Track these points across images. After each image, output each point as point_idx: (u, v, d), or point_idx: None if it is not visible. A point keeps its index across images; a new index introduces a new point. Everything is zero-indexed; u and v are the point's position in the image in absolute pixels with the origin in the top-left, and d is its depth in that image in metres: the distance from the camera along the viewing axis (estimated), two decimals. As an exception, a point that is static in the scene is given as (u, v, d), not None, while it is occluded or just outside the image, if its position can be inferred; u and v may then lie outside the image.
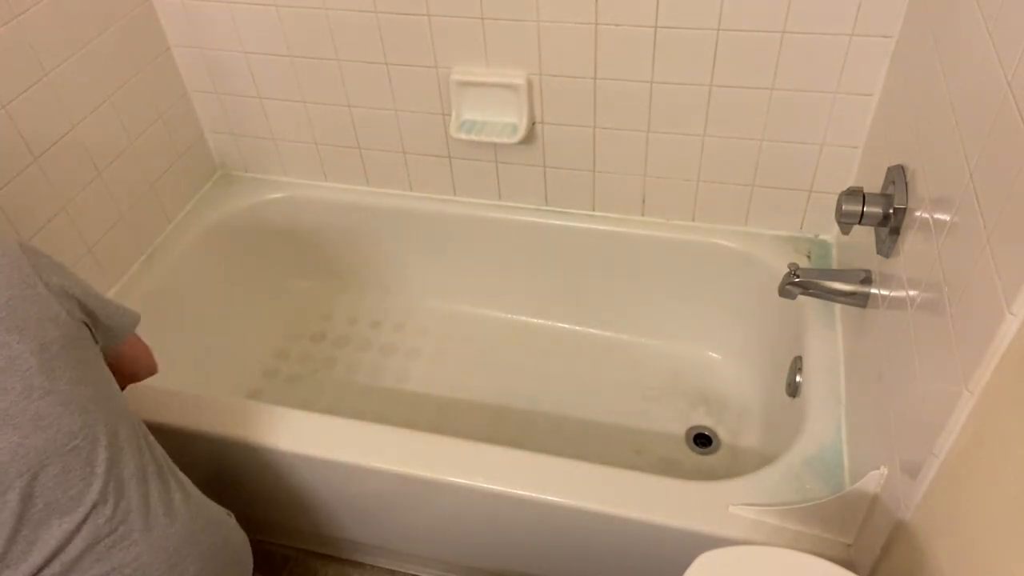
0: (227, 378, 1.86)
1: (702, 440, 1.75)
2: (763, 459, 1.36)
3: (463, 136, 1.67)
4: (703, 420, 1.79)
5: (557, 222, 1.81)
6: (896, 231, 1.14)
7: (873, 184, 1.29)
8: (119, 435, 0.99)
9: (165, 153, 1.81)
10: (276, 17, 1.65)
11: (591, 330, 1.98)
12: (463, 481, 1.31)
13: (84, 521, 0.93)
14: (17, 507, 0.89)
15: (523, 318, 2.02)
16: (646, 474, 1.28)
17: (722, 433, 1.75)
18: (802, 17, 1.38)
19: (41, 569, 0.91)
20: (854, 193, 1.19)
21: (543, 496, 1.27)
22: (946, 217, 0.93)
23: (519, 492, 1.29)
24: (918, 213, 1.06)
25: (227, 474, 1.45)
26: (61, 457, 0.92)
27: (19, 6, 1.39)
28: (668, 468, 1.69)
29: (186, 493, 1.07)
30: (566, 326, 2.00)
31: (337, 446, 1.37)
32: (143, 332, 1.53)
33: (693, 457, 1.72)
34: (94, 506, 0.94)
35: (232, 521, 1.16)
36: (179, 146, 1.85)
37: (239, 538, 1.16)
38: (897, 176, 1.16)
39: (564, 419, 1.82)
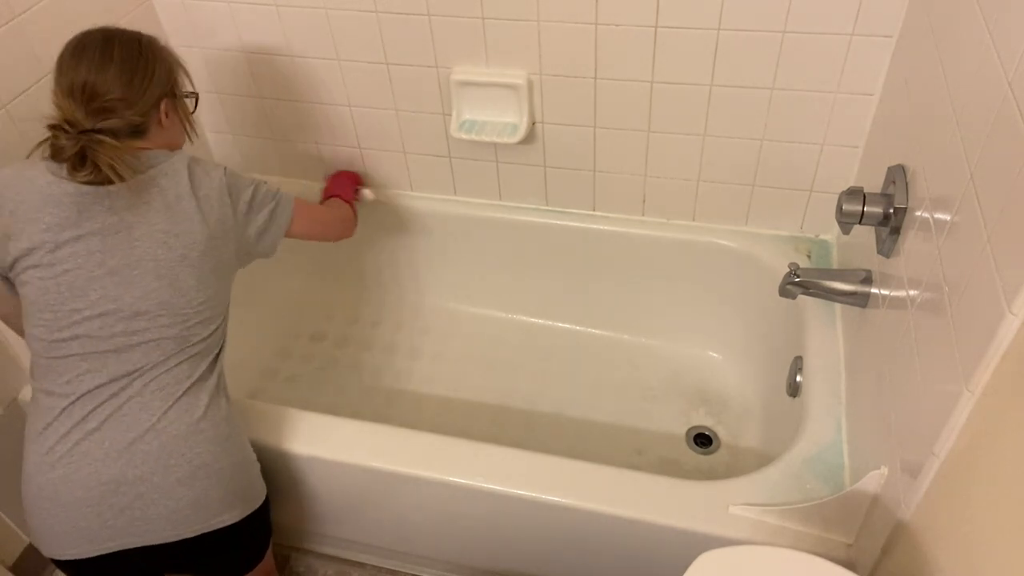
0: (227, 377, 1.86)
1: (702, 440, 1.75)
2: (763, 459, 1.36)
3: (463, 136, 1.67)
4: (703, 420, 1.78)
5: (557, 222, 1.81)
6: (896, 231, 1.14)
7: (873, 184, 1.29)
8: (212, 335, 1.22)
9: (165, 153, 1.81)
10: (276, 17, 1.65)
11: (591, 330, 1.98)
12: (463, 481, 1.31)
13: (150, 370, 1.15)
14: (118, 329, 1.13)
15: (523, 318, 2.02)
16: (646, 474, 1.28)
17: (722, 433, 1.75)
18: (802, 17, 1.38)
19: (101, 387, 1.13)
20: (854, 193, 1.19)
21: (543, 496, 1.27)
22: (946, 217, 0.93)
23: (519, 492, 1.29)
24: (918, 213, 1.06)
25: (227, 474, 1.45)
26: (171, 316, 1.16)
27: (19, 6, 1.39)
28: (668, 468, 1.69)
29: (226, 409, 1.24)
30: (566, 326, 2.00)
31: (337, 446, 1.37)
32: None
33: (693, 457, 1.72)
34: (156, 365, 1.15)
35: (257, 467, 1.29)
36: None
37: (257, 477, 1.28)
38: (897, 176, 1.16)
39: (564, 419, 1.82)
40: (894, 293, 1.13)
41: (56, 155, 1.12)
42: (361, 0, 1.58)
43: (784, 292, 1.41)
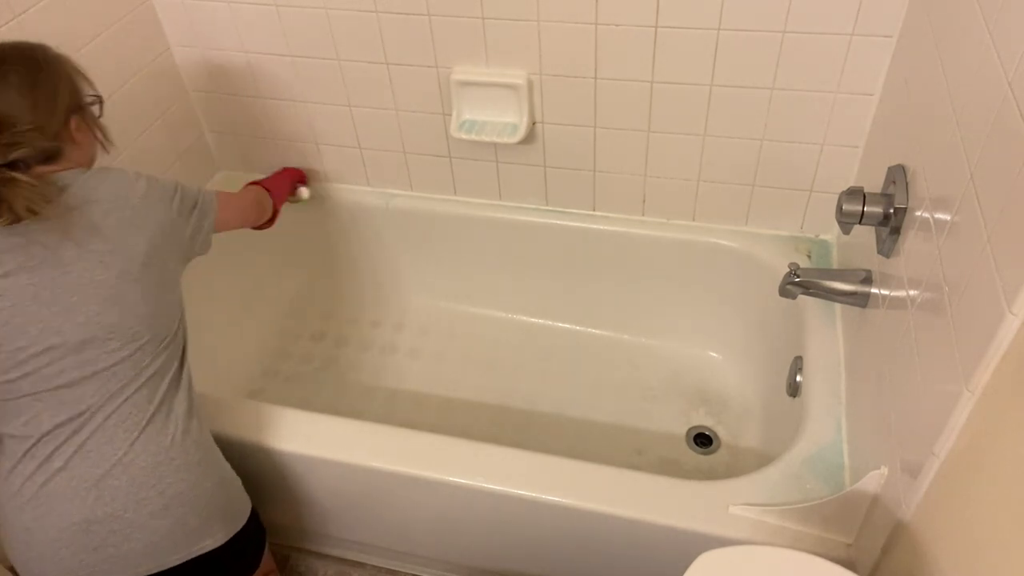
0: (227, 378, 1.86)
1: (702, 440, 1.75)
2: (763, 459, 1.36)
3: (463, 136, 1.67)
4: (703, 420, 1.78)
5: (557, 222, 1.81)
6: (896, 231, 1.14)
7: (873, 184, 1.29)
8: (167, 348, 1.16)
9: (165, 153, 1.81)
10: (276, 17, 1.65)
11: (591, 330, 1.98)
12: (463, 481, 1.31)
13: (108, 401, 1.10)
14: (68, 363, 1.07)
15: (523, 318, 2.02)
16: (646, 474, 1.28)
17: (722, 433, 1.75)
18: (802, 17, 1.38)
19: (60, 426, 1.08)
20: (855, 193, 1.19)
21: (543, 496, 1.27)
22: (946, 217, 0.93)
23: (519, 492, 1.29)
24: (918, 213, 1.06)
25: (227, 474, 1.45)
26: (121, 338, 1.09)
27: (19, 6, 1.39)
28: (668, 468, 1.69)
29: (197, 431, 1.18)
30: (566, 326, 2.00)
31: (337, 446, 1.37)
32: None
33: (693, 457, 1.72)
34: (113, 395, 1.10)
35: (237, 482, 1.26)
36: (179, 146, 1.85)
37: (237, 493, 1.24)
38: (897, 176, 1.16)
39: (564, 419, 1.82)
40: (894, 293, 1.13)
41: None
42: (361, 0, 1.58)
43: (784, 292, 1.41)
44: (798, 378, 1.48)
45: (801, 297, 1.43)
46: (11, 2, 1.37)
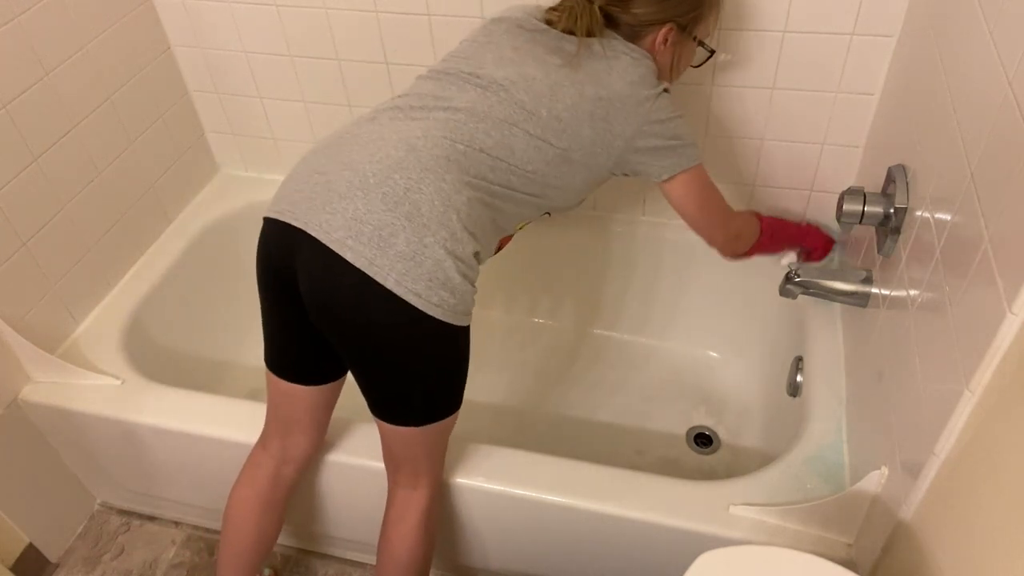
0: (226, 379, 1.86)
1: (703, 440, 1.75)
2: (764, 459, 1.36)
3: (463, 136, 1.66)
4: (704, 420, 1.78)
5: (557, 222, 1.81)
6: (897, 231, 1.14)
7: (874, 184, 1.29)
8: (535, 185, 1.19)
9: (165, 153, 1.81)
10: (276, 17, 1.65)
11: (591, 330, 1.98)
12: (463, 481, 1.31)
13: (468, 116, 1.13)
14: (484, 82, 1.17)
15: (523, 318, 2.02)
16: (647, 474, 1.28)
17: (723, 433, 1.75)
18: (803, 16, 1.38)
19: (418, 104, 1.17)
20: (855, 192, 1.19)
21: (543, 496, 1.27)
22: (947, 217, 0.93)
23: (519, 492, 1.29)
24: (919, 213, 1.06)
25: (225, 474, 1.45)
26: (524, 116, 1.14)
27: (19, 6, 1.39)
28: (669, 468, 1.69)
29: (477, 210, 1.10)
30: (566, 326, 1.99)
31: (335, 446, 1.37)
32: (147, 327, 1.53)
33: (694, 457, 1.72)
34: (473, 119, 1.13)
35: (465, 286, 1.08)
36: (179, 146, 1.85)
37: (456, 287, 1.06)
38: (898, 176, 1.16)
39: (564, 419, 1.82)
40: (894, 293, 1.13)
41: (553, 7, 1.23)
42: (361, 0, 1.58)
43: (784, 292, 1.41)
44: (798, 378, 1.48)
45: (801, 297, 1.43)
46: (11, 2, 1.37)
